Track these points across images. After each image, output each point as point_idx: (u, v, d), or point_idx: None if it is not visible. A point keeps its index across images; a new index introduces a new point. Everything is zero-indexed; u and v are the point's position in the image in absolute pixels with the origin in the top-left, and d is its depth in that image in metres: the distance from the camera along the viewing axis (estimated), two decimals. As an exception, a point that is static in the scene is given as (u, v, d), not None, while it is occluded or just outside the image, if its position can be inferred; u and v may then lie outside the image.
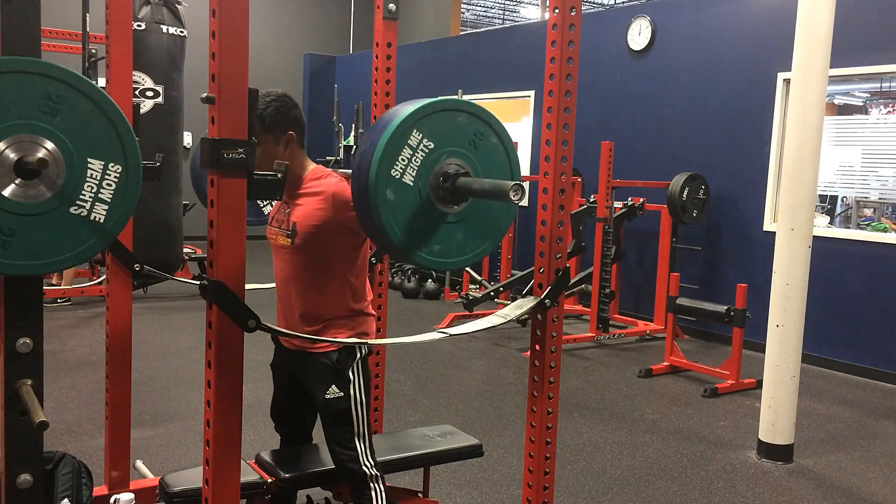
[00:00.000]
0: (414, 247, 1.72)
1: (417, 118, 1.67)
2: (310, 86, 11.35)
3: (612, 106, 7.32)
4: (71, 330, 5.92)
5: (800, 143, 3.70)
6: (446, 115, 1.72)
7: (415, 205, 1.70)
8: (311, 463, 2.43)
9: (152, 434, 3.81)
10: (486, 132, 1.78)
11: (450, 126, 1.73)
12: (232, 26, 1.56)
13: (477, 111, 1.78)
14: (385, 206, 1.66)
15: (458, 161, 1.75)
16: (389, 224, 1.67)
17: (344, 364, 2.35)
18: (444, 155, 1.72)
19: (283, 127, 2.28)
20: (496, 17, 18.51)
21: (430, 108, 1.70)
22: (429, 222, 1.73)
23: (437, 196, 1.73)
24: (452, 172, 1.72)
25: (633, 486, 3.48)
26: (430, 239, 1.74)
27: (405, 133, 1.66)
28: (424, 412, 4.34)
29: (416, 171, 1.69)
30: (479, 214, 1.79)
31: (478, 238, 1.83)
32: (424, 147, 1.69)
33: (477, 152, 1.77)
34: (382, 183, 1.64)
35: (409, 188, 1.68)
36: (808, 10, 3.63)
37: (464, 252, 1.81)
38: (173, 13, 3.60)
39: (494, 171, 1.81)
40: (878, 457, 4.01)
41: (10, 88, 1.50)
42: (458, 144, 1.75)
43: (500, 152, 1.81)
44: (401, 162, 1.66)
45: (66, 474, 2.24)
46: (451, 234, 1.77)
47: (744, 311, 4.93)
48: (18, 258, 1.54)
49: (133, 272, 2.70)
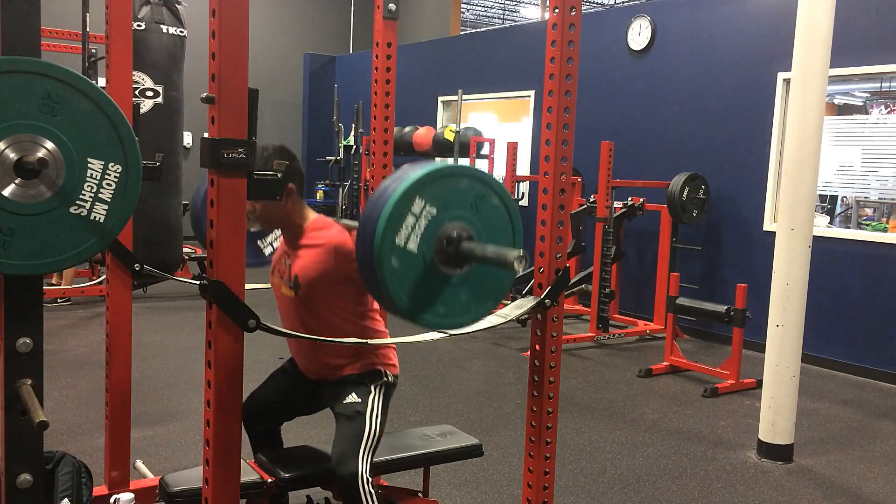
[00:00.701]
0: (420, 310, 1.73)
1: (420, 186, 1.68)
2: (310, 86, 11.35)
3: (612, 106, 7.32)
4: (71, 330, 5.92)
5: (800, 143, 3.70)
6: (448, 180, 1.73)
7: (420, 270, 1.71)
8: (310, 463, 2.43)
9: (152, 434, 3.81)
10: (487, 194, 1.79)
11: (452, 190, 1.74)
12: (232, 26, 1.56)
13: (478, 174, 1.79)
14: (390, 274, 1.67)
15: (461, 224, 1.75)
16: (395, 291, 1.68)
17: (368, 379, 2.40)
18: (447, 219, 1.73)
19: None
20: (496, 17, 18.51)
21: (432, 175, 1.70)
22: (433, 285, 1.74)
23: (441, 259, 1.74)
24: (456, 237, 1.73)
25: (633, 486, 3.48)
26: (436, 301, 1.75)
27: (408, 201, 1.66)
28: (424, 412, 4.34)
29: (420, 237, 1.69)
30: (482, 274, 1.79)
31: (481, 298, 1.84)
32: (427, 213, 1.70)
33: (479, 214, 1.77)
34: (387, 252, 1.65)
35: (413, 255, 1.69)
36: (808, 10, 3.63)
37: (468, 311, 1.82)
38: (173, 13, 3.61)
39: (496, 231, 1.82)
40: (878, 457, 4.01)
41: (10, 88, 1.50)
42: (461, 207, 1.75)
43: (501, 213, 1.82)
44: (405, 229, 1.67)
45: (66, 474, 2.24)
46: (455, 295, 1.78)
47: (744, 311, 4.93)
48: (18, 258, 1.54)
49: (133, 272, 2.70)
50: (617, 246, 6.42)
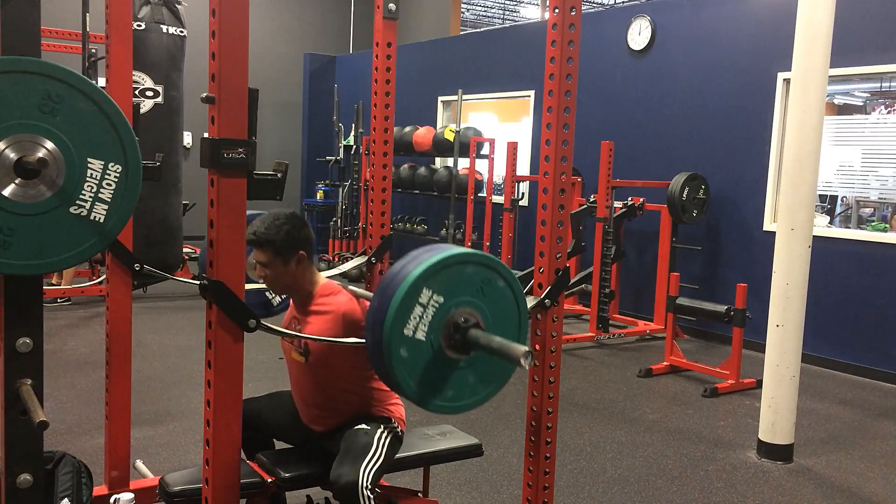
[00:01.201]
0: (429, 396, 1.77)
1: (427, 277, 1.70)
2: (310, 86, 11.35)
3: (612, 106, 7.32)
4: (71, 330, 5.92)
5: (800, 143, 3.70)
6: (454, 268, 1.75)
7: (428, 357, 1.74)
8: (310, 462, 2.43)
9: (152, 434, 3.81)
10: (492, 278, 1.81)
11: (458, 278, 1.76)
12: (232, 26, 1.56)
13: (483, 260, 1.80)
14: (400, 364, 1.70)
15: (468, 310, 1.78)
16: (405, 379, 1.72)
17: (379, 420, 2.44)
18: (453, 306, 1.75)
19: (295, 249, 2.33)
20: (496, 17, 18.50)
21: (438, 265, 1.72)
22: (442, 371, 1.77)
23: (449, 345, 1.77)
24: (462, 324, 1.75)
25: (633, 486, 3.48)
26: (444, 386, 1.79)
27: (415, 293, 1.69)
28: (424, 412, 4.32)
29: (428, 326, 1.72)
30: (489, 357, 1.81)
31: (488, 380, 1.86)
32: (434, 302, 1.72)
33: (485, 298, 1.80)
34: (396, 343, 1.69)
35: (421, 343, 1.72)
36: (808, 10, 3.63)
37: (476, 393, 1.85)
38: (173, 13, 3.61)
39: (503, 312, 1.84)
40: (878, 457, 4.01)
41: (10, 88, 1.50)
42: (467, 294, 1.78)
43: (507, 294, 1.84)
44: (413, 320, 1.70)
45: (66, 474, 2.24)
46: (463, 379, 1.81)
47: (744, 311, 4.93)
48: (18, 258, 1.54)
49: (133, 272, 2.70)
50: (617, 246, 6.42)
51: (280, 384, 2.74)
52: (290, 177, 10.83)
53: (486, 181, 7.97)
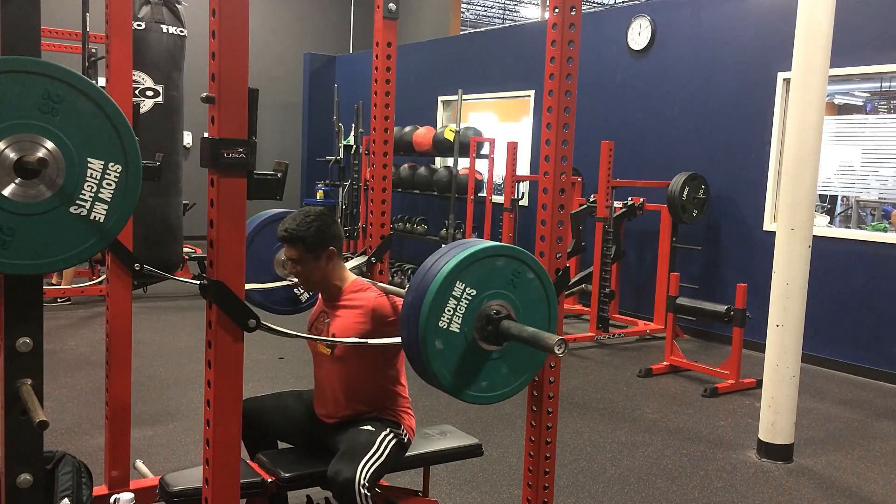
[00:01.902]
0: (464, 387, 1.81)
1: (460, 271, 1.75)
2: (310, 86, 11.35)
3: (612, 106, 7.32)
4: (71, 329, 5.92)
5: (800, 143, 3.70)
6: (486, 262, 1.79)
7: (462, 349, 1.78)
8: (311, 463, 2.43)
9: (152, 434, 3.81)
10: (522, 270, 1.85)
11: (489, 271, 1.80)
12: (232, 26, 1.56)
13: (513, 252, 1.85)
14: (435, 356, 1.74)
15: (499, 302, 1.82)
16: (441, 372, 1.76)
17: (387, 423, 2.45)
18: (485, 298, 1.80)
19: (325, 245, 2.39)
20: (496, 17, 18.51)
21: (471, 258, 1.77)
22: (476, 362, 1.81)
23: (482, 337, 1.81)
24: (495, 316, 1.80)
25: (633, 486, 3.48)
26: (478, 377, 1.83)
27: (449, 286, 1.74)
28: (424, 412, 4.34)
29: (462, 319, 1.77)
30: (521, 347, 1.86)
31: (520, 370, 1.90)
32: (467, 295, 1.77)
33: (516, 290, 1.84)
34: (432, 336, 1.73)
35: (456, 335, 1.77)
36: (808, 10, 3.63)
37: (509, 384, 1.89)
38: (173, 13, 3.61)
39: (533, 304, 1.89)
40: (878, 457, 4.01)
41: (10, 88, 1.50)
42: (499, 286, 1.82)
43: (536, 286, 1.89)
44: (447, 313, 1.75)
45: (66, 474, 2.24)
46: (496, 369, 1.85)
47: (744, 311, 4.93)
48: (18, 257, 1.54)
49: (133, 272, 2.70)
50: (617, 246, 6.42)
51: (280, 384, 2.75)
52: (290, 177, 10.85)
53: (486, 181, 7.97)
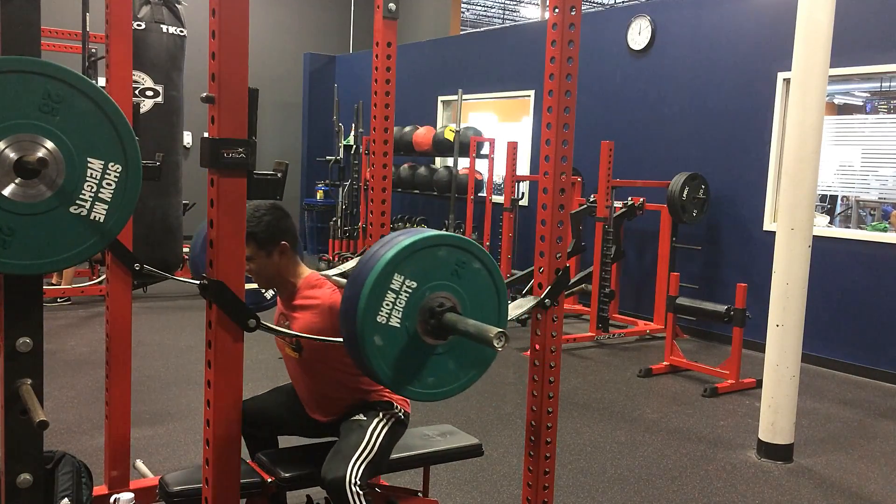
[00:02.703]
0: (406, 383, 1.72)
1: (397, 263, 1.66)
2: (310, 86, 11.35)
3: (612, 106, 7.32)
4: (71, 329, 5.92)
5: (800, 143, 3.70)
6: (425, 252, 1.70)
7: (403, 344, 1.69)
8: (310, 462, 2.43)
9: (152, 434, 3.81)
10: (467, 260, 1.76)
11: (431, 262, 1.71)
12: (232, 26, 1.56)
13: (456, 241, 1.75)
14: (374, 352, 1.66)
15: (443, 294, 1.73)
16: (381, 368, 1.68)
17: (379, 406, 2.42)
18: (428, 291, 1.71)
19: (276, 240, 2.30)
20: (496, 17, 18.50)
21: (408, 249, 1.67)
22: (420, 357, 1.73)
23: (425, 331, 1.72)
24: (438, 309, 1.71)
25: (633, 486, 3.48)
26: (423, 372, 1.74)
27: (386, 279, 1.65)
28: (424, 412, 4.34)
29: (402, 312, 1.68)
30: (468, 342, 1.77)
31: (468, 366, 1.82)
32: (407, 288, 1.68)
33: (461, 281, 1.75)
34: (370, 331, 1.64)
35: (396, 330, 1.68)
36: (808, 9, 3.63)
37: (457, 379, 1.81)
38: (173, 13, 3.61)
39: (481, 295, 1.80)
40: (878, 457, 4.01)
41: (10, 88, 1.50)
42: (442, 278, 1.73)
43: (483, 276, 1.80)
44: (385, 307, 1.66)
45: (65, 474, 2.24)
46: (443, 365, 1.77)
47: (744, 311, 4.93)
48: (18, 257, 1.54)
49: (133, 272, 2.70)
50: (617, 246, 6.42)
51: (280, 384, 2.75)
52: (290, 177, 10.84)
53: (486, 181, 7.97)
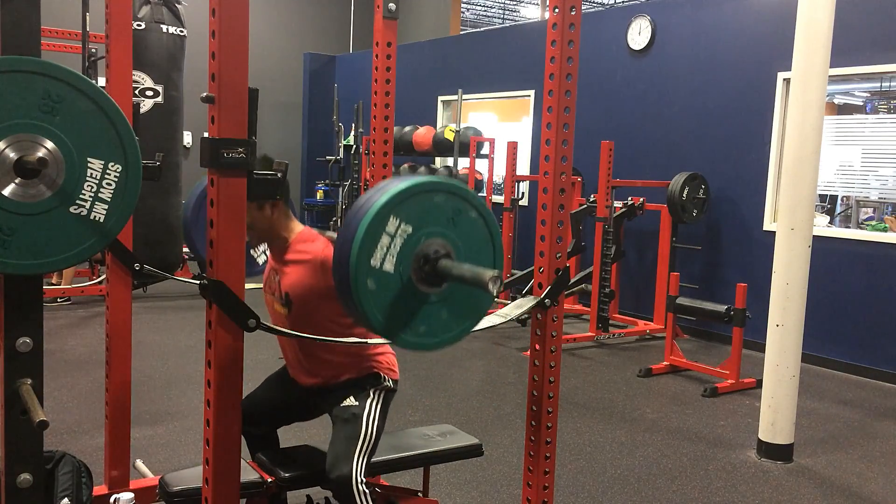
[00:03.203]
0: (398, 331, 1.70)
1: (393, 205, 1.64)
2: (310, 85, 11.35)
3: (612, 106, 7.32)
4: (71, 329, 5.92)
5: (800, 143, 3.70)
6: (422, 196, 1.69)
7: (397, 290, 1.67)
8: (310, 463, 2.43)
9: (152, 433, 3.81)
10: (464, 208, 1.74)
11: (427, 207, 1.69)
12: (232, 26, 1.56)
13: (453, 188, 1.74)
14: (367, 296, 1.63)
15: (438, 241, 1.71)
16: (372, 313, 1.65)
17: (367, 383, 2.40)
18: (423, 237, 1.69)
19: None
20: (496, 17, 18.51)
21: (405, 193, 1.66)
22: (413, 305, 1.71)
23: (419, 278, 1.70)
24: (433, 255, 1.69)
25: (633, 486, 3.48)
26: (415, 320, 1.72)
27: (382, 222, 1.63)
28: (424, 411, 4.34)
29: (396, 258, 1.66)
30: (462, 292, 1.76)
31: (462, 316, 1.80)
32: (402, 232, 1.66)
33: (457, 229, 1.73)
34: (363, 274, 1.62)
35: (389, 275, 1.66)
36: (808, 9, 3.63)
37: (449, 330, 1.78)
38: (173, 13, 3.61)
39: (476, 245, 1.78)
40: (878, 457, 4.01)
41: (10, 88, 1.50)
42: (438, 224, 1.71)
43: (480, 226, 1.78)
44: (380, 251, 1.64)
45: (66, 474, 2.24)
46: (436, 314, 1.75)
47: (744, 311, 4.93)
48: (18, 257, 1.54)
49: (133, 271, 2.70)
50: (617, 246, 6.42)
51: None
52: (290, 177, 10.81)
53: (486, 181, 7.96)
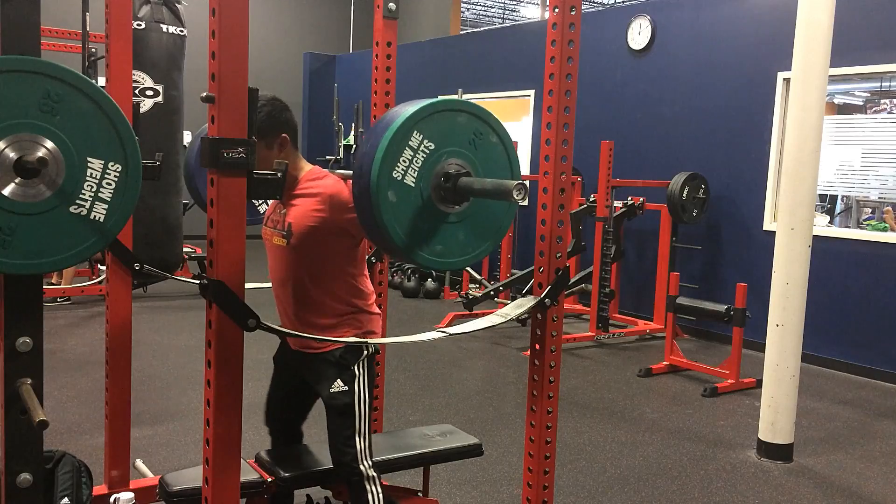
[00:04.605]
0: (416, 247, 1.72)
1: (418, 119, 1.67)
2: (310, 85, 11.35)
3: (612, 106, 7.32)
4: (71, 329, 5.92)
5: (800, 143, 3.70)
6: (446, 115, 1.72)
7: (417, 205, 1.70)
8: (310, 462, 2.43)
9: (152, 433, 3.81)
10: (485, 131, 1.78)
11: (450, 126, 1.73)
12: (232, 25, 1.56)
13: (476, 111, 1.78)
14: (387, 207, 1.65)
15: (458, 161, 1.74)
16: (392, 226, 1.67)
17: (349, 360, 2.35)
18: (444, 155, 1.72)
19: (275, 131, 2.29)
20: (496, 17, 18.51)
21: (430, 108, 1.69)
22: (431, 223, 1.73)
23: (439, 196, 1.73)
24: (454, 173, 1.72)
25: (633, 486, 3.48)
26: (433, 239, 1.74)
27: (406, 134, 1.65)
28: (424, 411, 4.34)
29: (418, 173, 1.69)
30: (481, 214, 1.80)
31: (479, 237, 1.83)
32: (425, 148, 1.69)
33: (477, 152, 1.77)
34: (384, 185, 1.64)
35: (410, 189, 1.68)
36: (808, 9, 3.63)
37: (466, 252, 1.82)
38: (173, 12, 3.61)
39: (494, 170, 1.82)
40: (878, 456, 4.01)
41: (10, 87, 1.50)
42: (459, 144, 1.75)
43: (499, 151, 1.82)
44: (402, 163, 1.66)
45: (65, 473, 2.24)
46: (453, 234, 1.77)
47: (743, 311, 4.93)
48: (18, 257, 1.54)
49: (133, 271, 2.70)
50: (617, 245, 6.42)
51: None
52: (290, 176, 10.80)
53: (486, 181, 7.96)
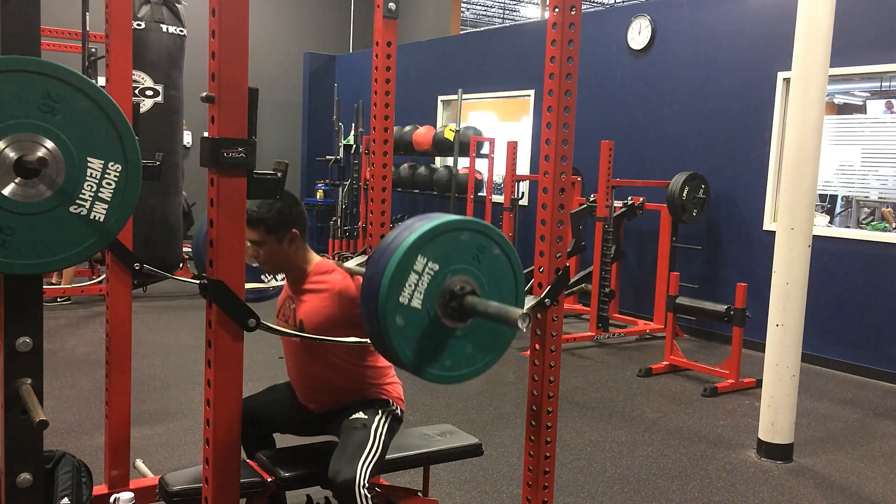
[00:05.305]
0: (426, 365, 1.75)
1: (421, 245, 1.69)
2: (310, 85, 11.34)
3: (612, 106, 7.32)
4: (71, 329, 5.92)
5: (800, 143, 3.70)
6: (448, 235, 1.73)
7: (424, 325, 1.72)
8: (310, 462, 2.43)
9: (152, 433, 3.81)
10: (487, 245, 1.79)
11: (453, 245, 1.74)
12: (232, 25, 1.56)
13: (478, 227, 1.79)
14: (396, 332, 1.68)
15: (463, 278, 1.76)
16: (401, 349, 1.70)
17: (377, 404, 2.42)
18: (449, 274, 1.74)
19: (287, 227, 2.32)
20: (496, 17, 18.51)
21: (432, 232, 1.71)
22: (439, 339, 1.76)
23: (445, 314, 1.75)
24: (459, 292, 1.74)
25: (633, 486, 3.49)
26: (441, 355, 1.77)
27: (410, 260, 1.68)
28: (424, 411, 4.34)
29: (424, 294, 1.71)
30: (487, 325, 1.81)
31: (486, 350, 1.84)
32: (430, 270, 1.71)
33: (481, 266, 1.78)
34: (392, 311, 1.67)
35: (417, 311, 1.70)
36: (808, 9, 3.63)
37: (473, 363, 1.83)
38: (173, 12, 3.61)
39: (499, 281, 1.83)
40: (878, 456, 4.01)
41: (10, 87, 1.50)
42: (463, 261, 1.76)
43: (502, 261, 1.83)
44: (408, 288, 1.69)
45: (65, 473, 2.24)
46: (460, 348, 1.79)
47: (743, 311, 4.93)
48: (18, 257, 1.54)
49: (133, 271, 2.70)
50: (617, 245, 6.42)
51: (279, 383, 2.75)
52: (290, 176, 10.82)
53: (486, 181, 7.96)
